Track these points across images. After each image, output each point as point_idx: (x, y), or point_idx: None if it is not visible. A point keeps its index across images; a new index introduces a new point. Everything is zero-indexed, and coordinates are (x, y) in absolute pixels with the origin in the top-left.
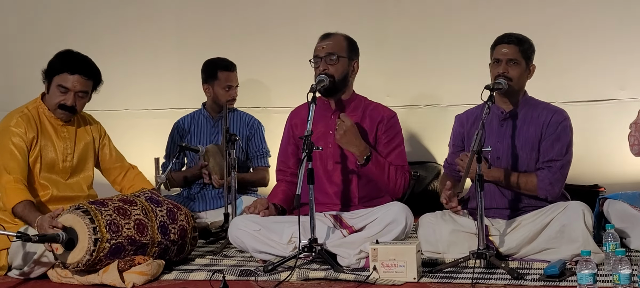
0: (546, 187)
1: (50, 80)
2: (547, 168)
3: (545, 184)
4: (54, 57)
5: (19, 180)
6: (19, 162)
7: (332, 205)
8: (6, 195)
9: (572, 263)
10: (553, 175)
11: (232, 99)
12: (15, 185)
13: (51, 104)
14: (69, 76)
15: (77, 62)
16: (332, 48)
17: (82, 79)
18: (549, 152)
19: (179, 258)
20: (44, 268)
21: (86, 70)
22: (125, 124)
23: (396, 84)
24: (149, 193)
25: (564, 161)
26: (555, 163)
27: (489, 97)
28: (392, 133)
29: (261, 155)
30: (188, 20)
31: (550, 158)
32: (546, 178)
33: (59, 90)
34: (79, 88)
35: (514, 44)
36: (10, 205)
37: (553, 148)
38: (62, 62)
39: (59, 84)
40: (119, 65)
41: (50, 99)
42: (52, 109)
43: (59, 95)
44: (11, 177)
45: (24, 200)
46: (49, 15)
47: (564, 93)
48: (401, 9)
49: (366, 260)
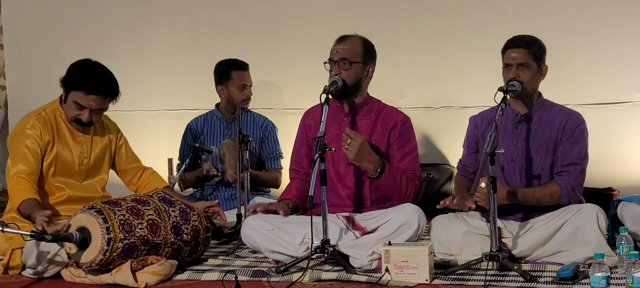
0: (569, 193)
1: (68, 91)
2: (566, 173)
3: (568, 190)
4: (74, 67)
5: (25, 179)
6: (30, 164)
7: (344, 206)
8: (12, 196)
9: (586, 266)
10: (574, 179)
11: (246, 99)
12: (21, 185)
13: (67, 115)
14: (85, 96)
15: (95, 81)
16: (347, 53)
17: (99, 99)
18: (567, 155)
19: (192, 259)
20: (58, 268)
21: (103, 90)
22: (138, 124)
23: (410, 86)
24: (162, 194)
25: (583, 165)
26: (575, 168)
27: (503, 99)
28: (405, 138)
29: (274, 157)
30: (201, 22)
31: (569, 162)
32: (568, 184)
33: (75, 105)
34: (95, 107)
35: (522, 47)
36: (16, 204)
37: (572, 152)
38: (81, 80)
39: (75, 100)
40: (132, 66)
41: (66, 109)
42: (68, 119)
43: (74, 110)
44: (18, 177)
45: (28, 199)
46: (62, 16)
47: (578, 96)
48: (415, 10)
49: (378, 262)
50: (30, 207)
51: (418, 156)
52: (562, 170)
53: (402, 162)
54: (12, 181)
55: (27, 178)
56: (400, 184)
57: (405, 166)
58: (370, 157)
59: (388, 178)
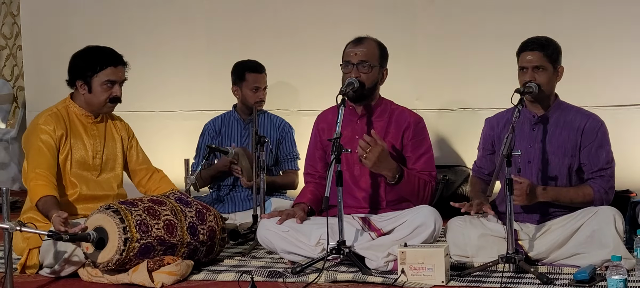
0: (602, 196)
1: (89, 80)
2: (600, 177)
3: (601, 193)
4: (83, 55)
5: (44, 175)
6: (47, 158)
7: (360, 208)
8: (30, 192)
9: (603, 269)
10: (607, 183)
11: (260, 101)
12: (39, 181)
13: (97, 102)
14: (115, 69)
15: (113, 54)
16: (366, 55)
17: (123, 69)
18: (596, 161)
19: (208, 259)
20: (75, 267)
21: (121, 59)
22: (155, 125)
23: (426, 87)
24: (178, 194)
25: (612, 167)
26: (606, 172)
27: (519, 101)
28: (420, 139)
29: (291, 159)
30: (218, 23)
31: (600, 167)
32: (601, 188)
33: (105, 86)
34: (123, 77)
35: (537, 50)
36: (34, 200)
37: (599, 156)
38: (100, 59)
39: (106, 80)
40: (150, 67)
41: (95, 98)
42: (98, 107)
43: (105, 91)
44: (36, 173)
45: (46, 196)
46: (81, 17)
47: (594, 98)
48: (431, 12)
49: (394, 263)
50: (48, 205)
51: (433, 156)
52: (593, 176)
53: (417, 163)
54: (31, 176)
55: (45, 173)
56: (418, 188)
57: (421, 167)
58: (389, 165)
59: (406, 185)
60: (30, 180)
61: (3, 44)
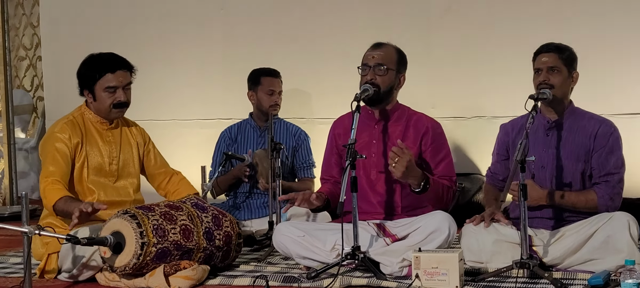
0: (606, 202)
1: (92, 88)
2: (604, 183)
3: (605, 199)
4: (85, 64)
5: (57, 181)
6: (60, 166)
7: (375, 213)
8: (46, 197)
9: (617, 275)
10: (612, 189)
11: (275, 104)
12: (53, 186)
13: (104, 109)
14: (113, 75)
15: (112, 59)
16: (383, 59)
17: (124, 73)
18: (604, 165)
19: (224, 264)
20: (92, 272)
21: (121, 63)
22: (172, 133)
23: (441, 95)
24: (194, 200)
25: (621, 174)
26: (613, 177)
27: (533, 107)
28: (439, 144)
29: (307, 167)
30: (234, 32)
31: (607, 172)
32: (606, 193)
33: (107, 93)
34: (124, 82)
35: (553, 52)
36: (50, 204)
37: (608, 161)
38: (101, 65)
39: (106, 86)
40: (166, 76)
41: (101, 105)
42: (105, 113)
43: (109, 97)
44: (49, 180)
45: (64, 196)
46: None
47: (609, 105)
48: (447, 20)
49: (409, 268)
50: (69, 201)
51: (452, 160)
52: (599, 180)
53: (437, 168)
54: (45, 182)
55: (60, 179)
56: (442, 194)
57: (441, 172)
58: (416, 173)
59: (431, 191)
60: (44, 185)
61: (23, 55)
